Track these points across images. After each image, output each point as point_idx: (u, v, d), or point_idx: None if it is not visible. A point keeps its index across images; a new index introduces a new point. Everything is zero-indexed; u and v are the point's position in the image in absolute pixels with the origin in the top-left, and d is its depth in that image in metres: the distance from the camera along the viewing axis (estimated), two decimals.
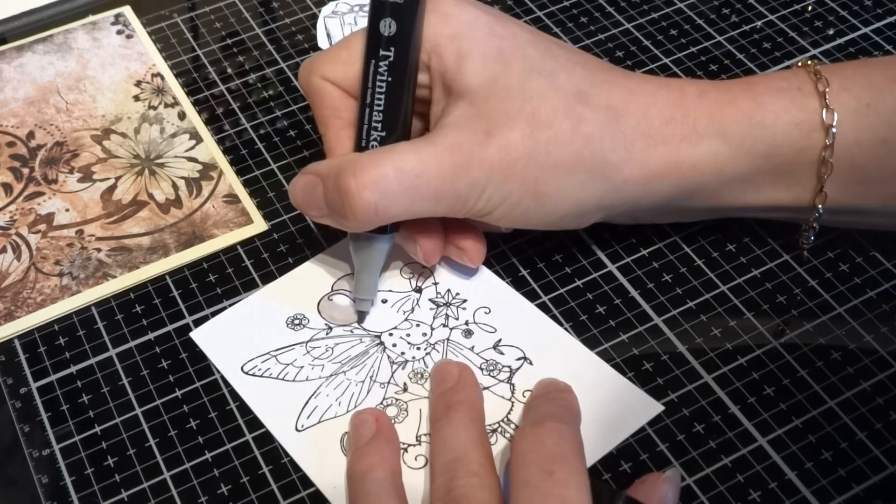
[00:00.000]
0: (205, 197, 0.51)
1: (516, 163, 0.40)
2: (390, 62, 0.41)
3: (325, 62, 0.44)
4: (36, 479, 0.41)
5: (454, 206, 0.41)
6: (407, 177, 0.40)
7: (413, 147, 0.40)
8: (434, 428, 0.40)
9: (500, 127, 0.40)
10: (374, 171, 0.39)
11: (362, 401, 0.43)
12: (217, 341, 0.45)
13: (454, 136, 0.40)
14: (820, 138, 0.41)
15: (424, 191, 0.40)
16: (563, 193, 0.41)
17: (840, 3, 0.59)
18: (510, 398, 0.42)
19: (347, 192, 0.40)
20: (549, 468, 0.35)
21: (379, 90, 0.42)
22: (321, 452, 0.41)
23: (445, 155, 0.40)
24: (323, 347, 0.44)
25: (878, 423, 0.41)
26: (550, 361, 0.43)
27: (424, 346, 0.44)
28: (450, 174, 0.40)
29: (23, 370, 0.45)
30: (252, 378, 0.44)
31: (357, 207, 0.40)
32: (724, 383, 0.42)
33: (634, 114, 0.41)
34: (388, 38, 0.41)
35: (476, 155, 0.40)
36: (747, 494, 0.39)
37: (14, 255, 0.49)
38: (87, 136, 0.54)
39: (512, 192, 0.40)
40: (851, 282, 0.46)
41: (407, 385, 0.43)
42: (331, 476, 0.40)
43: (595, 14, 0.59)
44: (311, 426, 0.42)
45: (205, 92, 0.57)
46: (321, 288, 0.47)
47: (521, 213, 0.41)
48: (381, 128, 0.42)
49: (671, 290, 0.46)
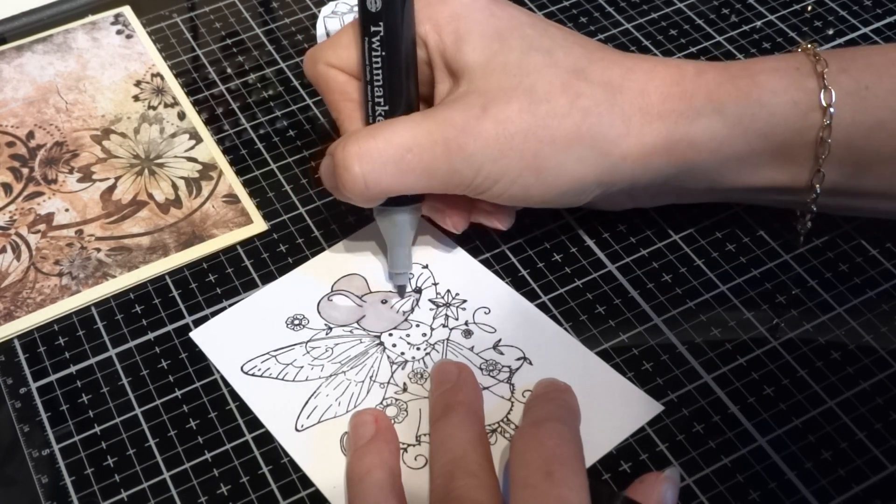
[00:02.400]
0: (204, 197, 0.51)
1: (514, 137, 0.40)
2: (381, 37, 0.41)
3: (326, 49, 0.44)
4: (36, 479, 0.41)
5: (449, 181, 0.41)
6: (397, 150, 0.40)
7: (408, 121, 0.41)
8: (433, 428, 0.40)
9: (496, 101, 0.40)
10: (363, 143, 0.40)
11: (362, 401, 0.43)
12: (217, 341, 0.45)
13: (449, 112, 0.41)
14: (818, 118, 0.41)
15: (416, 165, 0.40)
16: (563, 168, 0.41)
17: (840, 3, 0.59)
18: (510, 398, 0.42)
19: (337, 164, 0.41)
20: (548, 469, 0.35)
21: (376, 65, 0.42)
22: (321, 452, 0.41)
23: (438, 129, 0.40)
24: (323, 347, 0.44)
25: (878, 423, 0.41)
26: (550, 361, 0.43)
27: (424, 346, 0.44)
28: (442, 149, 0.40)
29: (22, 370, 0.45)
30: (252, 378, 0.44)
31: (346, 179, 0.40)
32: (724, 383, 0.42)
33: (631, 90, 0.41)
34: (376, 14, 0.41)
35: (471, 129, 0.40)
36: (747, 494, 0.39)
37: (14, 255, 0.49)
38: (86, 136, 0.54)
39: (510, 167, 0.40)
40: (851, 282, 0.46)
41: (407, 385, 0.43)
42: (330, 476, 0.40)
43: (595, 14, 0.59)
44: (311, 426, 0.42)
45: (204, 92, 0.57)
46: (321, 288, 0.47)
47: (519, 189, 0.41)
48: (385, 102, 0.43)
49: (671, 290, 0.46)
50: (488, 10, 0.42)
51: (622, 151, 0.41)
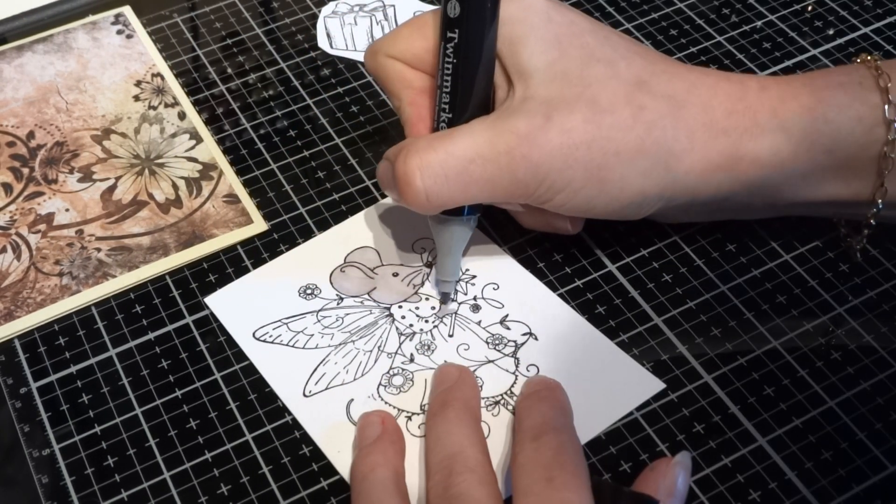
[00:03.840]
0: (205, 197, 0.51)
1: (578, 147, 0.39)
2: (455, 44, 0.41)
3: (386, 41, 0.44)
4: (36, 479, 0.41)
5: (513, 191, 0.40)
6: (459, 161, 0.39)
7: (469, 131, 0.40)
8: (429, 425, 0.40)
9: (559, 111, 0.40)
10: (424, 155, 0.39)
11: (369, 369, 0.43)
12: (230, 307, 0.46)
13: (511, 120, 0.40)
14: (882, 133, 0.40)
15: (479, 176, 0.39)
16: (626, 181, 0.40)
17: (840, 3, 0.59)
18: (514, 372, 0.43)
19: (398, 177, 0.40)
20: (548, 475, 0.35)
21: (447, 71, 0.41)
22: (327, 417, 0.42)
23: (501, 139, 0.39)
24: (333, 317, 0.45)
25: (878, 423, 0.41)
26: (556, 337, 0.44)
27: (433, 318, 0.45)
28: (506, 159, 0.39)
29: (23, 370, 0.45)
30: (263, 344, 0.44)
31: (407, 193, 0.40)
32: (724, 383, 0.42)
33: (695, 104, 0.41)
34: (454, 20, 0.41)
35: (535, 138, 0.39)
36: (747, 494, 0.39)
37: (14, 255, 0.49)
38: (87, 136, 0.54)
39: (574, 178, 0.40)
40: (851, 282, 0.46)
41: (413, 356, 0.44)
42: (335, 440, 0.41)
43: (595, 14, 0.59)
44: (319, 392, 0.43)
45: (205, 92, 0.57)
46: (334, 259, 0.47)
47: (582, 200, 0.41)
48: (448, 109, 0.42)
49: (671, 290, 0.46)
50: (546, 14, 0.41)
51: (686, 166, 0.41)
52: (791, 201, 0.43)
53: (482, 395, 0.42)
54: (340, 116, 0.55)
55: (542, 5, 0.41)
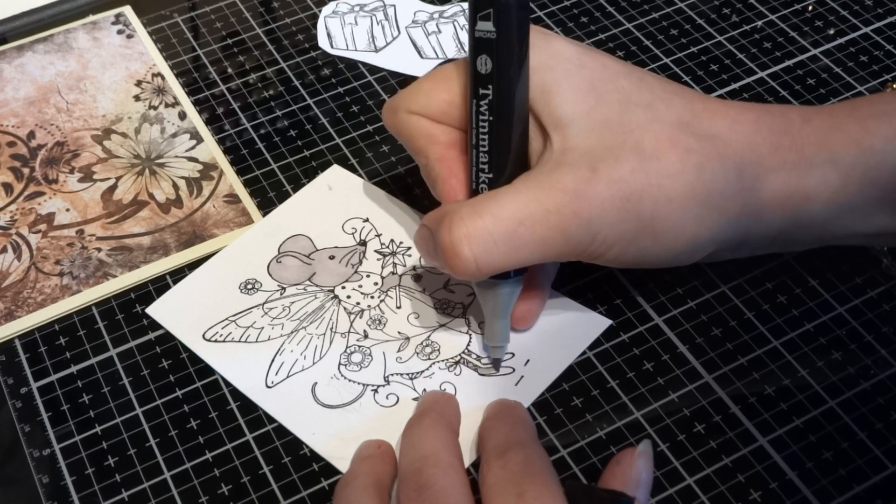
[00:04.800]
0: (205, 197, 0.51)
1: (629, 198, 0.37)
2: (490, 101, 0.39)
3: (407, 97, 0.43)
4: (36, 478, 0.41)
5: (565, 250, 0.38)
6: (507, 225, 0.37)
7: (513, 191, 0.38)
8: (404, 434, 0.40)
9: (604, 161, 0.38)
10: (470, 223, 0.37)
11: (326, 352, 0.44)
12: (174, 313, 0.46)
13: (556, 175, 0.38)
14: None
15: (529, 238, 0.37)
16: (680, 228, 0.38)
17: (840, 3, 0.59)
18: (467, 331, 0.44)
19: (444, 248, 0.38)
20: (518, 490, 0.35)
21: (483, 130, 0.40)
22: (295, 403, 0.43)
23: (548, 197, 0.37)
24: (279, 307, 0.46)
25: (879, 423, 0.41)
26: None
27: (378, 293, 0.46)
28: (556, 217, 0.37)
29: (23, 370, 0.45)
30: (215, 344, 0.45)
31: (455, 264, 0.38)
32: (725, 383, 0.43)
33: (740, 142, 0.39)
34: (486, 76, 0.39)
35: (583, 193, 0.37)
36: (747, 494, 0.39)
37: (14, 255, 0.49)
38: (87, 135, 0.54)
39: (627, 231, 0.38)
40: (852, 281, 0.46)
41: (367, 332, 0.45)
42: (307, 424, 0.42)
43: (595, 14, 0.59)
44: (281, 381, 0.43)
45: (205, 92, 0.57)
46: (268, 252, 0.48)
47: (636, 251, 0.39)
48: (489, 169, 0.40)
49: (672, 290, 0.46)
50: (578, 60, 0.39)
51: (738, 208, 0.39)
52: (841, 235, 0.42)
53: (440, 359, 0.43)
54: (341, 116, 0.55)
55: (572, 51, 0.40)
